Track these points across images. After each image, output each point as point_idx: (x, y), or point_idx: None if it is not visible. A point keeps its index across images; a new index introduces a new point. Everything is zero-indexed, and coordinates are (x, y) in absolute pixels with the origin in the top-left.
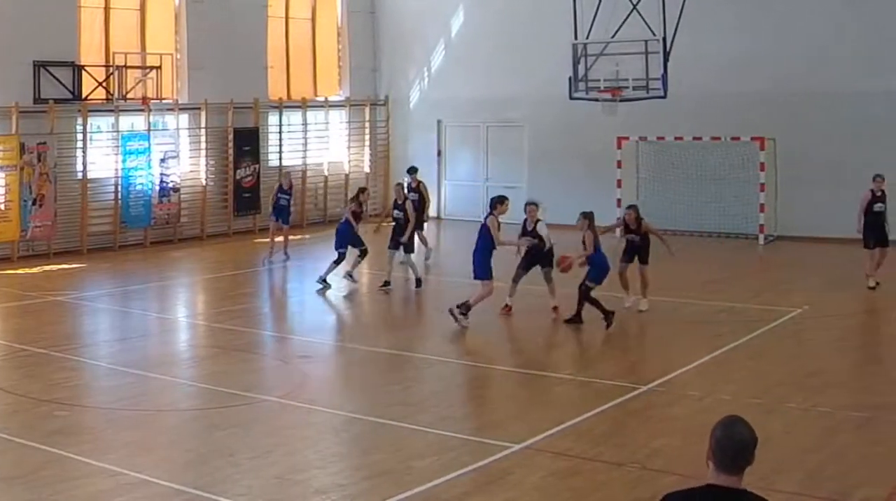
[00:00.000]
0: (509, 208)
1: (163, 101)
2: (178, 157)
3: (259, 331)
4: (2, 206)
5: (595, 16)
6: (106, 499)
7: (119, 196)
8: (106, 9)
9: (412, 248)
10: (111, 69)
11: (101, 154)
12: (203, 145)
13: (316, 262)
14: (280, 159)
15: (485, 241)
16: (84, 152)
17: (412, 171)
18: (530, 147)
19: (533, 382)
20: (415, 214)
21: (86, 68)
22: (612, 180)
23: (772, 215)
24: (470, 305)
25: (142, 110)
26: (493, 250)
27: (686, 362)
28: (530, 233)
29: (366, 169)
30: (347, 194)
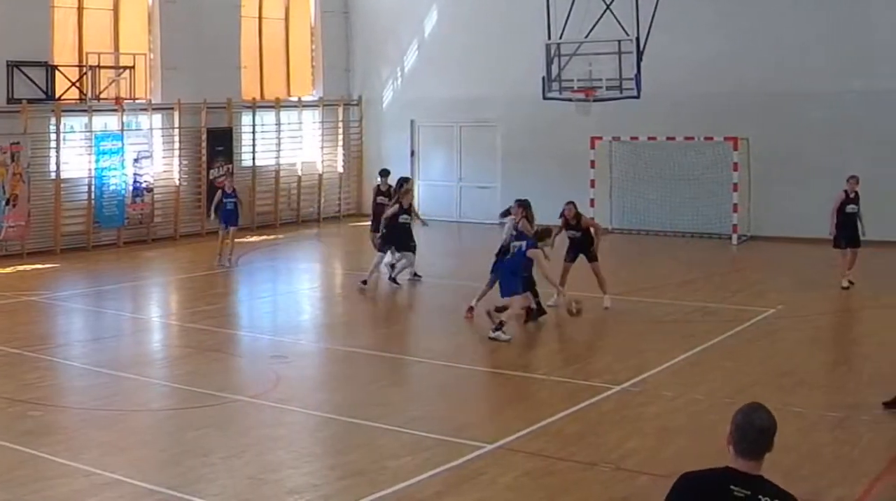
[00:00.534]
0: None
1: (136, 101)
2: (152, 157)
3: (232, 331)
4: None
5: (568, 16)
6: (80, 499)
7: (92, 196)
8: (79, 9)
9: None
10: (84, 69)
11: (75, 154)
12: (176, 145)
13: (289, 263)
14: (253, 159)
15: (516, 265)
16: (57, 152)
17: (384, 174)
18: (504, 147)
19: (507, 382)
20: (384, 219)
21: (59, 68)
22: (586, 180)
23: (745, 215)
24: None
25: (115, 110)
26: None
27: (660, 362)
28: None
29: (339, 169)
30: (321, 194)
